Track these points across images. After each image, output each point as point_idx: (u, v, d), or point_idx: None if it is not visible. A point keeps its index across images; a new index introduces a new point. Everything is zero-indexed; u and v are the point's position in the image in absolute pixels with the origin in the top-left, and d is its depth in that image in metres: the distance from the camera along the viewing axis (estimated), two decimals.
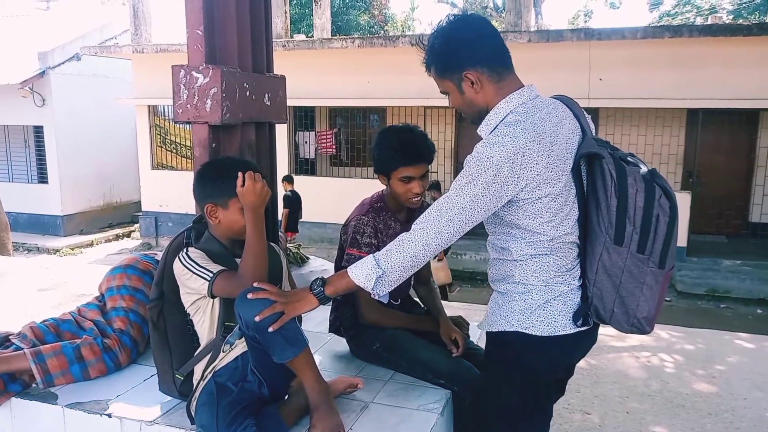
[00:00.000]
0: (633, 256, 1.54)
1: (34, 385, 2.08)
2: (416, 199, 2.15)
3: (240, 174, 1.80)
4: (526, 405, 1.71)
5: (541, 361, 1.66)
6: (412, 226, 1.59)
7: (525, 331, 1.62)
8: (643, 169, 1.57)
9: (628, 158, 1.60)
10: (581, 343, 1.71)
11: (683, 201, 9.20)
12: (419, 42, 1.72)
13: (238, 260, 1.85)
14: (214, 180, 1.88)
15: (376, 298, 1.65)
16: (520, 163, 1.49)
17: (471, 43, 1.61)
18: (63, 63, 12.83)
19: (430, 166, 2.18)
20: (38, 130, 13.17)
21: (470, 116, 1.70)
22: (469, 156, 1.56)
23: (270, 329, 1.61)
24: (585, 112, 1.70)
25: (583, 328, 1.64)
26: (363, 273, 1.61)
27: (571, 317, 1.62)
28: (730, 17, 22.12)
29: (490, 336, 1.73)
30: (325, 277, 1.71)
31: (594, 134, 1.70)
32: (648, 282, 1.55)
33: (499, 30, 1.76)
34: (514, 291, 1.65)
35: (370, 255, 1.64)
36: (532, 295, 1.62)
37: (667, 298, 8.88)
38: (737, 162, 10.55)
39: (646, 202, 1.52)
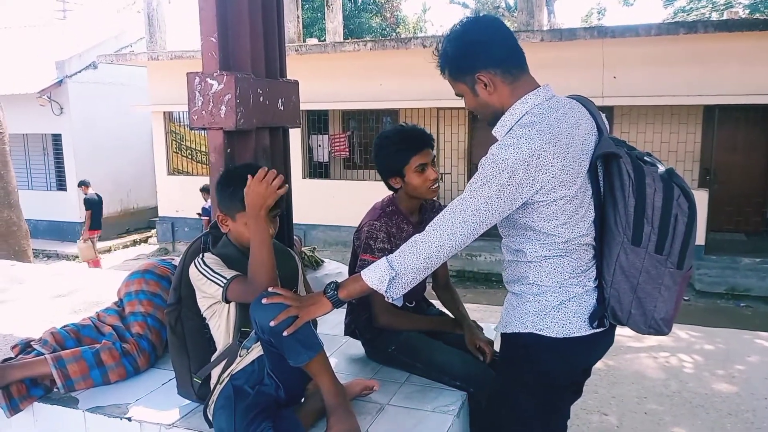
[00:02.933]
0: (651, 256, 1.52)
1: (55, 390, 2.11)
2: (435, 186, 2.17)
3: (262, 171, 1.76)
4: (541, 407, 1.70)
5: (556, 363, 1.65)
6: (426, 228, 1.59)
7: (539, 333, 1.61)
8: (661, 168, 1.55)
9: (645, 158, 1.58)
10: (597, 344, 1.70)
11: (700, 199, 9.09)
12: (435, 46, 1.72)
13: None
14: (223, 191, 1.91)
15: (390, 301, 1.65)
16: (536, 166, 1.48)
17: (483, 44, 1.61)
18: (80, 71, 13.04)
19: (435, 160, 2.20)
20: (56, 138, 13.39)
21: (485, 118, 1.69)
22: (483, 158, 1.55)
23: (285, 333, 1.63)
24: (601, 112, 1.70)
25: (598, 330, 1.63)
26: (376, 275, 1.61)
27: (587, 319, 1.61)
28: (747, 12, 21.84)
29: (505, 337, 1.73)
30: (339, 280, 1.73)
31: (609, 133, 1.69)
32: (666, 283, 1.54)
33: (511, 30, 1.77)
34: (528, 292, 1.64)
35: (383, 257, 1.64)
36: (547, 296, 1.61)
37: (686, 298, 8.78)
38: (755, 159, 10.41)
39: (664, 201, 1.50)
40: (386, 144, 2.17)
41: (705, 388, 3.33)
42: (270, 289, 1.71)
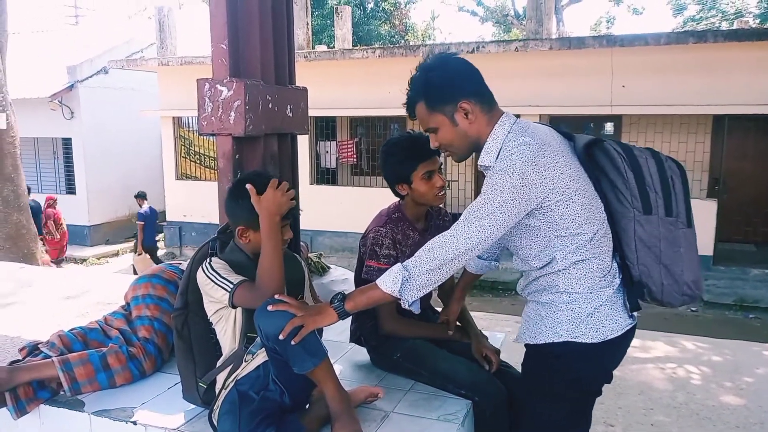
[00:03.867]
0: (663, 220, 1.58)
1: (62, 393, 2.13)
2: (442, 193, 2.18)
3: (251, 187, 1.81)
4: (572, 415, 1.72)
5: (590, 369, 1.67)
6: (445, 233, 1.60)
7: (575, 340, 1.62)
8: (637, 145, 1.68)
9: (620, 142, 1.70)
10: (625, 342, 1.71)
11: (709, 209, 9.04)
12: (407, 86, 1.73)
13: None
14: (243, 202, 1.87)
15: (407, 306, 1.64)
16: (543, 164, 1.53)
17: (465, 74, 1.67)
18: (91, 76, 13.16)
19: (442, 167, 2.20)
20: (67, 142, 13.50)
21: (460, 150, 1.71)
22: (489, 172, 1.58)
23: (291, 342, 1.63)
24: None
25: (629, 327, 1.65)
26: (390, 278, 1.62)
27: (622, 317, 1.63)
28: (757, 21, 21.76)
29: (534, 348, 1.72)
30: (345, 287, 1.73)
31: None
32: (684, 244, 1.60)
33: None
34: (559, 301, 1.64)
35: (398, 263, 1.65)
36: (579, 303, 1.62)
37: (694, 308, 8.72)
38: (764, 168, 10.34)
39: (658, 167, 1.61)
40: (394, 151, 2.17)
41: (713, 400, 3.30)
42: (276, 296, 1.72)
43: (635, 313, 1.69)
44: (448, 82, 1.66)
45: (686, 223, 1.59)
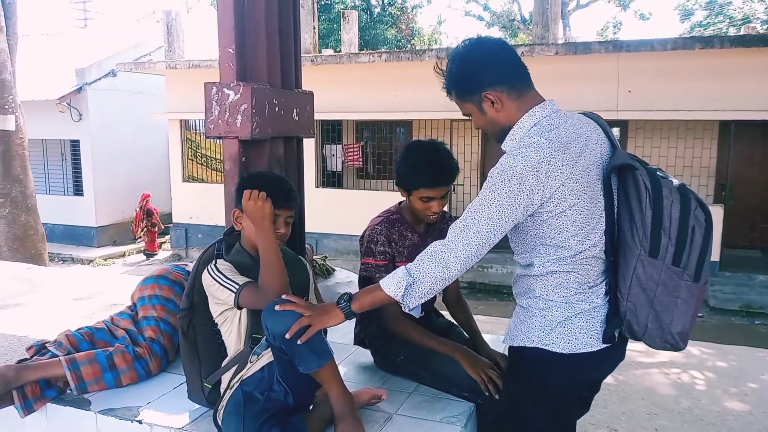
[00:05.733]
0: (668, 268, 1.51)
1: (68, 392, 2.14)
2: (433, 216, 2.17)
3: (246, 192, 1.86)
4: (549, 418, 1.70)
5: (562, 378, 1.64)
6: (445, 238, 1.60)
7: (545, 348, 1.61)
8: (675, 181, 1.57)
9: (658, 172, 1.59)
10: (606, 360, 1.68)
11: (716, 214, 8.93)
12: (437, 68, 1.74)
13: None
14: (241, 189, 1.95)
15: (407, 310, 1.65)
16: (545, 172, 1.49)
17: (487, 63, 1.63)
18: (99, 79, 13.24)
19: (449, 194, 2.20)
20: (75, 144, 13.59)
21: (494, 135, 1.71)
22: (492, 168, 1.56)
23: (298, 341, 1.65)
24: (612, 128, 1.71)
25: (606, 346, 1.61)
26: (393, 282, 1.62)
27: (596, 335, 1.59)
28: (765, 27, 21.70)
29: (512, 351, 1.73)
30: (350, 289, 1.75)
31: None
32: (683, 296, 1.53)
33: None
34: (534, 306, 1.64)
35: (402, 266, 1.65)
36: (552, 311, 1.61)
37: (700, 314, 8.62)
38: None
39: (681, 213, 1.51)
40: (408, 161, 2.15)
41: (717, 406, 3.29)
42: (284, 296, 1.74)
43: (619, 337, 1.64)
44: (470, 72, 1.64)
45: (693, 277, 1.51)
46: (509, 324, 1.76)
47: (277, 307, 1.69)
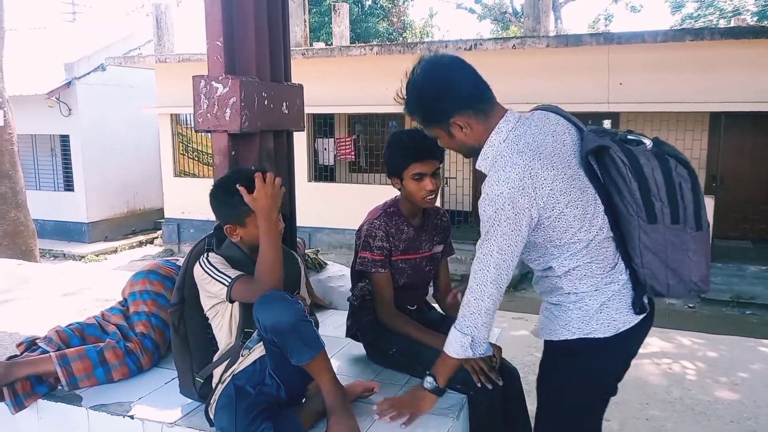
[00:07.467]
0: (670, 228, 1.57)
1: (59, 387, 2.14)
2: (430, 197, 2.14)
3: (242, 188, 1.80)
4: (587, 410, 1.76)
5: (607, 361, 1.69)
6: (469, 284, 1.65)
7: (587, 336, 1.64)
8: (648, 142, 1.62)
9: (629, 137, 1.64)
10: (642, 330, 1.71)
11: (707, 206, 9.00)
12: (398, 97, 1.71)
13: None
14: (226, 201, 1.90)
15: (481, 354, 1.72)
16: (531, 186, 1.51)
17: (448, 91, 1.61)
18: (88, 73, 13.12)
19: (442, 165, 2.19)
20: (64, 139, 13.48)
21: (464, 154, 1.73)
22: (480, 199, 1.59)
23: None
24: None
25: (641, 317, 1.65)
26: (456, 347, 1.70)
27: (629, 310, 1.63)
28: (755, 19, 21.78)
29: (551, 344, 1.75)
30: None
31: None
32: (691, 247, 1.59)
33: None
34: (566, 301, 1.67)
35: (453, 329, 1.71)
36: (586, 301, 1.64)
37: (691, 305, 8.75)
38: (761, 166, 10.37)
39: (664, 176, 1.56)
40: (393, 144, 2.18)
41: (707, 395, 3.32)
42: (385, 408, 1.85)
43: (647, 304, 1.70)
44: (437, 99, 1.62)
45: (695, 227, 1.58)
46: (540, 320, 1.79)
47: (376, 418, 1.84)
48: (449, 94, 1.61)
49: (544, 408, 1.81)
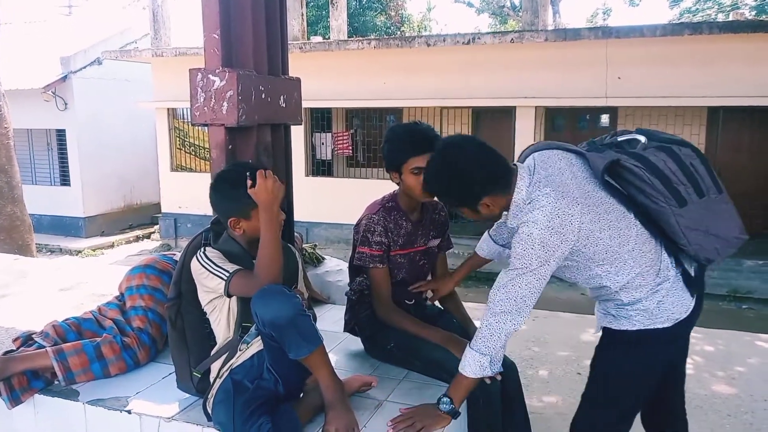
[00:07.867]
0: (698, 203, 1.69)
1: (56, 382, 2.13)
2: None
3: (259, 172, 1.82)
4: (638, 397, 1.87)
5: (666, 349, 1.79)
6: (490, 308, 1.73)
7: (649, 328, 1.73)
8: (642, 139, 1.74)
9: (619, 138, 1.78)
10: (697, 310, 1.81)
11: None
12: (426, 177, 1.89)
13: (255, 261, 1.87)
14: (230, 194, 1.89)
15: (497, 371, 1.79)
16: (560, 224, 1.61)
17: (480, 175, 1.72)
18: (85, 67, 13.06)
19: None
20: (60, 134, 13.42)
21: (488, 221, 1.89)
22: (515, 236, 1.68)
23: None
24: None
25: (693, 304, 1.76)
26: (474, 368, 1.77)
27: (689, 297, 1.75)
28: (753, 13, 21.77)
29: (611, 332, 1.82)
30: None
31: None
32: (721, 210, 1.74)
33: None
34: (626, 305, 1.76)
35: (469, 349, 1.78)
36: (644, 302, 1.73)
37: None
38: (759, 160, 10.37)
39: (676, 162, 1.69)
40: (391, 138, 2.17)
41: (704, 389, 3.33)
42: (401, 417, 1.83)
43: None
44: (467, 190, 1.74)
45: (717, 190, 1.71)
46: (597, 315, 1.88)
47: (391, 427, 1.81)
48: (479, 179, 1.72)
49: (592, 389, 1.90)
